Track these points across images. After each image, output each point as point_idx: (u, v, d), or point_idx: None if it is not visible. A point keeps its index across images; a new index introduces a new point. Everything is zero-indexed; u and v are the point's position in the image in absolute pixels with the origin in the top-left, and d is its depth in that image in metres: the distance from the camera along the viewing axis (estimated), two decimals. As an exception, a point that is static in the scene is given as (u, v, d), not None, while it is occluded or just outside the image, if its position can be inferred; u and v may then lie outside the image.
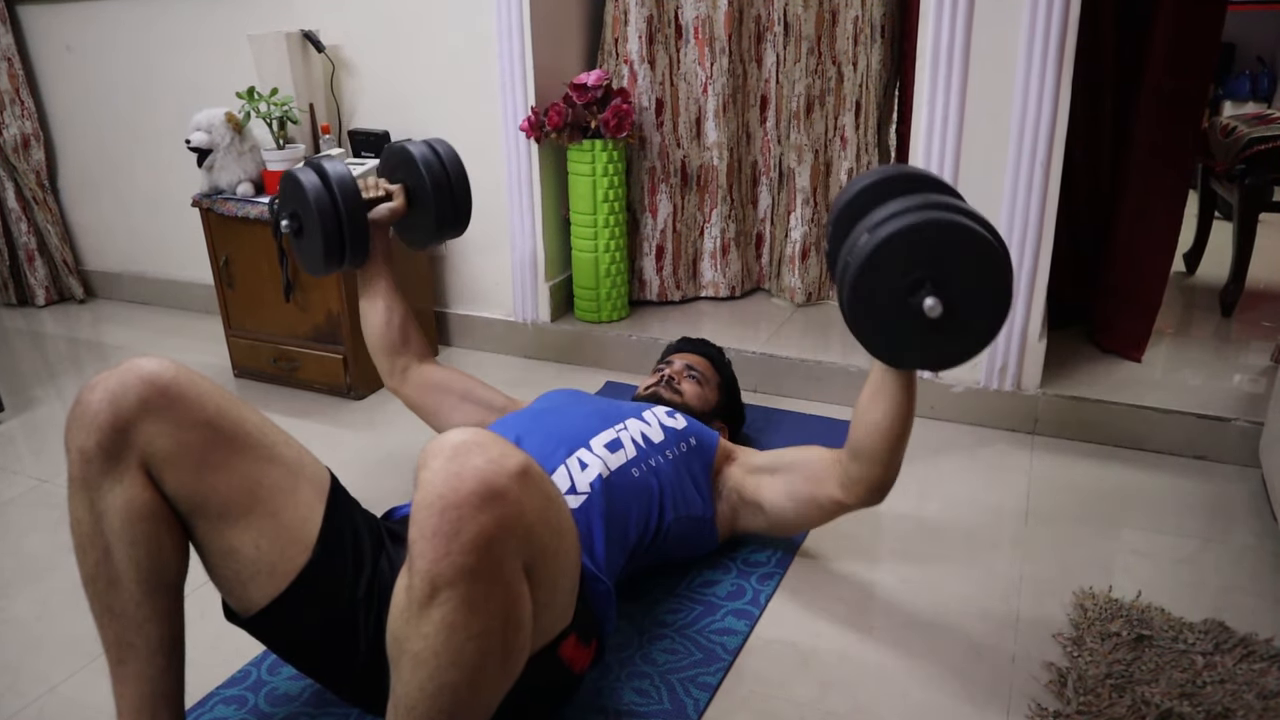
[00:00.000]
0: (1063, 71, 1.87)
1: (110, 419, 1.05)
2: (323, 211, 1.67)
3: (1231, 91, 4.83)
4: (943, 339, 1.23)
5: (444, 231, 1.86)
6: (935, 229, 1.17)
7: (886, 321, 1.23)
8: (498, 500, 0.92)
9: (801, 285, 2.66)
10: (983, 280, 1.20)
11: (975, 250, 1.18)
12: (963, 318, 1.20)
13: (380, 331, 1.81)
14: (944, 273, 1.18)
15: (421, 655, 0.92)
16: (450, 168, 1.81)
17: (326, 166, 1.70)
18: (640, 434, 1.51)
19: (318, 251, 1.71)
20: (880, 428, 1.35)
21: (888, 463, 1.39)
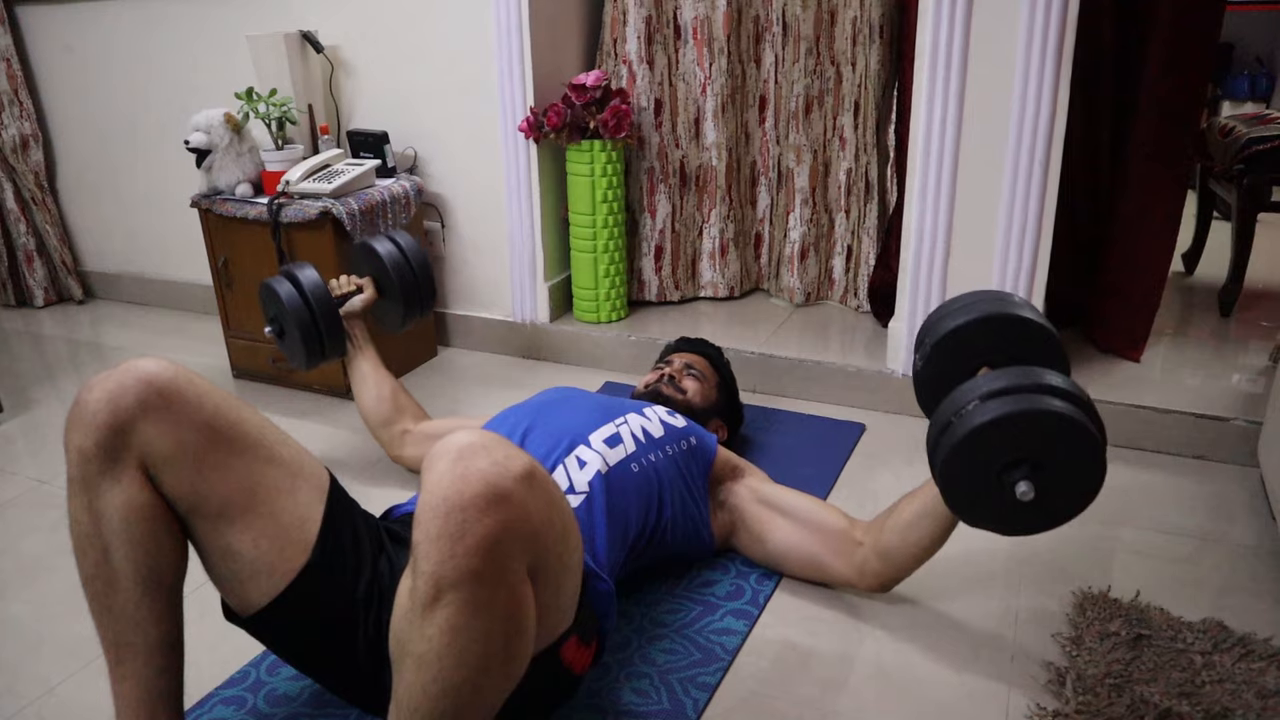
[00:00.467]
0: (1061, 71, 1.87)
1: (108, 419, 1.05)
2: (299, 317, 1.85)
3: (1230, 91, 4.84)
4: (1023, 515, 1.25)
5: (411, 314, 2.02)
6: (1044, 419, 1.18)
7: (975, 489, 1.24)
8: (503, 503, 0.91)
9: (800, 285, 2.66)
10: (1077, 471, 1.21)
11: (1079, 446, 1.19)
12: (1049, 502, 1.23)
13: (373, 408, 1.93)
14: (1043, 459, 1.20)
15: (425, 657, 0.92)
16: (412, 257, 1.98)
17: (299, 274, 1.88)
18: (640, 428, 1.51)
19: (300, 350, 1.89)
20: (919, 547, 1.40)
21: (909, 571, 1.44)
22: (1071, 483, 1.23)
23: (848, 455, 2.04)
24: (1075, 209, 2.27)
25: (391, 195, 2.43)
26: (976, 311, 1.39)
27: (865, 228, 2.55)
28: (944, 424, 1.24)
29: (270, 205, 2.29)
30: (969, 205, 2.02)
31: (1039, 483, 1.20)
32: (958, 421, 1.22)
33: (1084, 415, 1.19)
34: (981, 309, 1.39)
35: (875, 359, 2.29)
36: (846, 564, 1.49)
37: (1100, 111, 2.25)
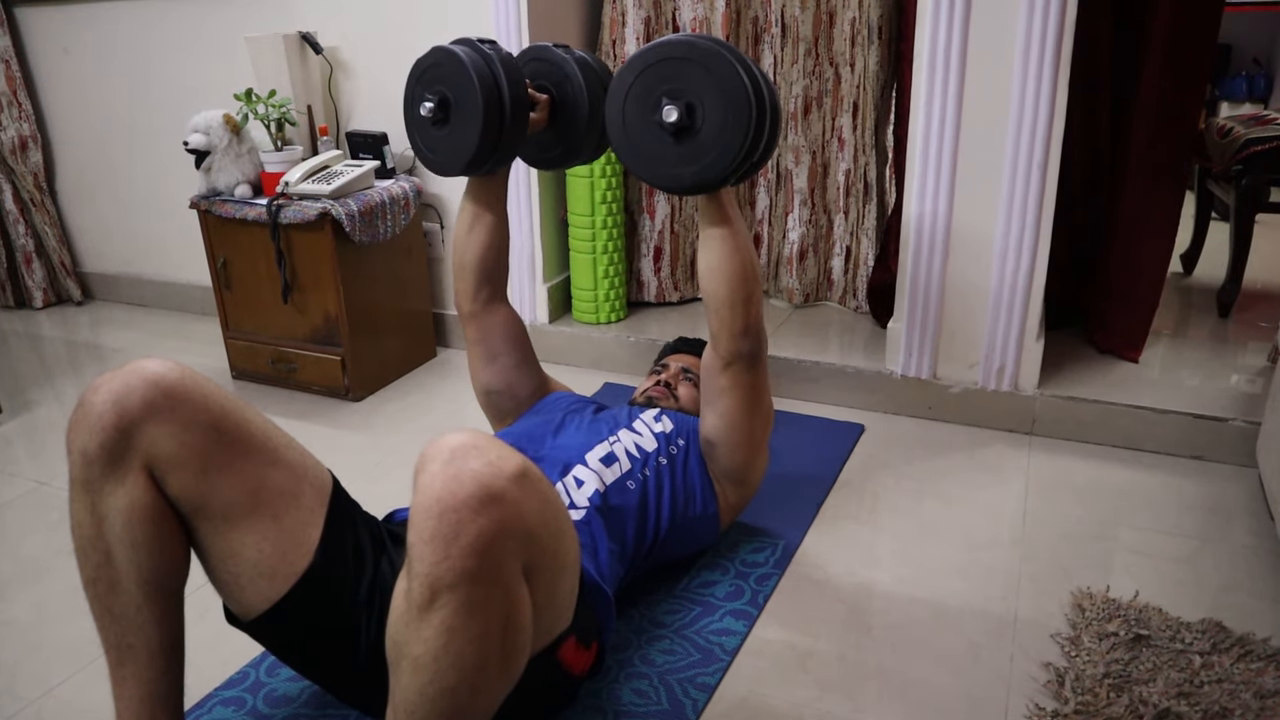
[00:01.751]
0: (1059, 72, 1.87)
1: (114, 420, 1.04)
2: (489, 98, 1.45)
3: (1228, 92, 4.84)
4: (697, 147, 1.36)
5: (579, 157, 1.69)
6: (664, 47, 1.35)
7: (647, 145, 1.39)
8: (496, 503, 0.91)
9: (799, 286, 2.67)
10: (717, 82, 1.32)
11: (706, 57, 1.32)
12: (706, 120, 1.34)
13: (482, 250, 1.66)
14: (679, 85, 1.34)
15: (421, 659, 0.92)
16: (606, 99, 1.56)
17: (487, 49, 1.49)
18: (634, 445, 1.52)
19: (467, 148, 1.48)
20: (713, 268, 1.43)
21: (733, 301, 1.43)
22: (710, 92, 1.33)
23: (847, 455, 2.04)
24: (1074, 209, 2.27)
25: (391, 196, 2.43)
26: None
27: (864, 228, 2.55)
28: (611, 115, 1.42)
29: (269, 206, 2.29)
30: (967, 206, 2.02)
31: (681, 102, 1.33)
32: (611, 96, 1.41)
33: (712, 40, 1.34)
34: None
35: (874, 359, 2.29)
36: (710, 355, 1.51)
37: (1099, 112, 2.25)
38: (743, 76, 1.31)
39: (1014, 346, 2.07)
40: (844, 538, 1.74)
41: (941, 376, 2.18)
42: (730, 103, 1.32)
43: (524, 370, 1.73)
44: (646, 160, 1.41)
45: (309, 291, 2.37)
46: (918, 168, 2.04)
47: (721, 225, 1.42)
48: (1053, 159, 1.93)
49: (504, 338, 1.71)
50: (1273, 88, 4.79)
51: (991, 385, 2.13)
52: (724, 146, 1.34)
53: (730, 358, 1.47)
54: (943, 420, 2.19)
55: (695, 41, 1.34)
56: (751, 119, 1.32)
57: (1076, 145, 2.21)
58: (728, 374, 1.49)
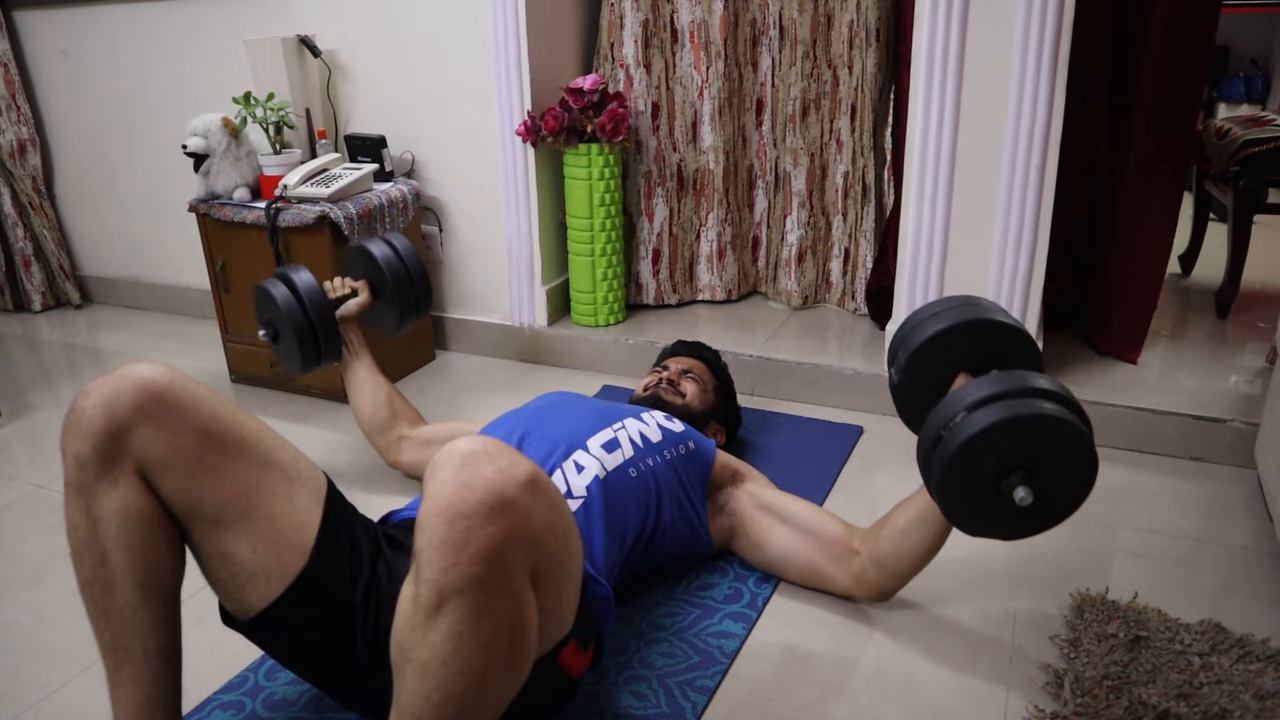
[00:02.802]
0: (1057, 74, 1.87)
1: (104, 424, 1.05)
2: (294, 320, 1.82)
3: (1226, 94, 4.85)
4: (1021, 519, 1.26)
5: (407, 318, 2.00)
6: (1035, 423, 1.18)
7: (973, 499, 1.25)
8: (507, 510, 0.91)
9: (798, 288, 2.67)
10: (1071, 469, 1.22)
11: (1069, 444, 1.20)
12: (1046, 503, 1.24)
13: (369, 414, 1.92)
14: (1036, 462, 1.21)
15: (428, 664, 0.92)
16: (407, 259, 1.96)
17: (293, 277, 1.85)
18: (639, 433, 1.52)
19: (295, 354, 1.86)
20: (914, 555, 1.41)
21: (907, 579, 1.45)
22: (1066, 482, 1.23)
23: (845, 457, 2.04)
24: (1072, 211, 2.27)
25: (389, 199, 2.43)
26: (948, 319, 1.39)
27: (862, 230, 2.55)
28: (934, 438, 1.24)
29: (268, 209, 2.29)
30: (966, 208, 2.03)
31: (1035, 486, 1.20)
32: (948, 434, 1.22)
33: (1072, 414, 1.20)
34: (953, 316, 1.39)
35: (873, 362, 2.29)
36: (844, 573, 1.50)
37: (1096, 114, 2.25)
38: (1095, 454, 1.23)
39: (1012, 348, 2.07)
40: (843, 540, 1.73)
41: (940, 378, 2.18)
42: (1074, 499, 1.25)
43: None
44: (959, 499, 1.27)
45: (308, 294, 2.37)
46: (916, 170, 2.04)
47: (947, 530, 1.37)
48: (1051, 160, 1.93)
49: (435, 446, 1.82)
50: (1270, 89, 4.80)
51: (990, 387, 2.12)
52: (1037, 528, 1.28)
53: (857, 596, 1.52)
54: (941, 422, 2.19)
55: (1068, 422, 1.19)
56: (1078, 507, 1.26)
57: (1074, 147, 2.21)
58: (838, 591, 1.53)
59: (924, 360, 1.41)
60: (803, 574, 1.55)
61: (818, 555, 1.52)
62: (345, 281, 1.99)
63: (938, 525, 1.36)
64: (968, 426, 1.19)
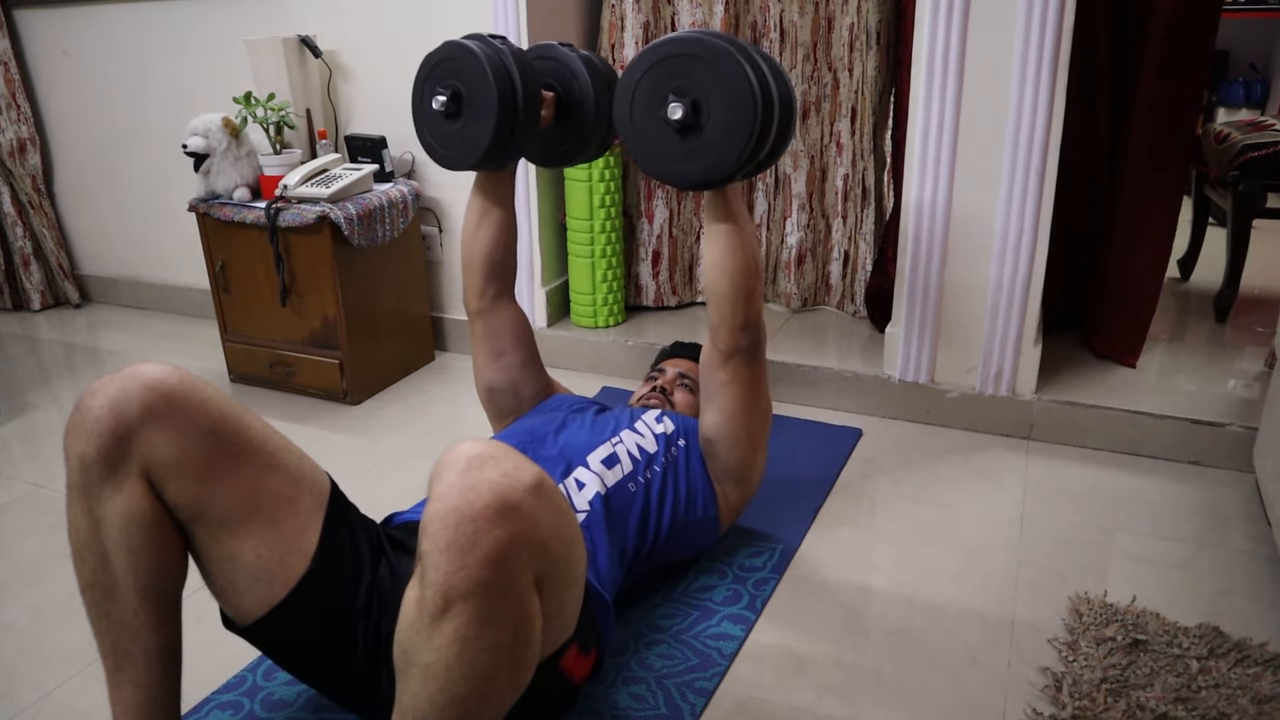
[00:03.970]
0: (1057, 78, 1.88)
1: (112, 425, 1.04)
2: (503, 92, 1.45)
3: (1225, 98, 4.86)
4: (703, 144, 1.36)
5: (582, 155, 1.70)
6: (672, 44, 1.35)
7: (653, 141, 1.39)
8: (512, 514, 0.91)
9: (797, 290, 2.67)
10: (723, 80, 1.32)
11: (713, 55, 1.32)
12: (711, 118, 1.34)
13: (489, 246, 1.67)
14: (686, 82, 1.35)
15: (432, 667, 0.92)
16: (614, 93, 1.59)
17: (499, 44, 1.49)
18: (636, 446, 1.52)
19: (480, 142, 1.49)
20: (716, 264, 1.44)
21: (734, 296, 1.44)
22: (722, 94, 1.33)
23: (845, 460, 2.04)
24: (1071, 215, 2.28)
25: (389, 200, 2.43)
26: None
27: (862, 233, 2.55)
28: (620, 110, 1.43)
29: (268, 209, 2.29)
30: (965, 210, 2.03)
31: (687, 100, 1.34)
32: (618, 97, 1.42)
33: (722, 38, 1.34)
34: None
35: (872, 364, 2.29)
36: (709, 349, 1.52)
37: (1096, 118, 2.25)
38: (749, 75, 1.31)
39: (1012, 351, 2.08)
40: (842, 542, 1.74)
41: (939, 381, 2.18)
42: (735, 101, 1.32)
43: (528, 370, 1.73)
44: (653, 155, 1.42)
45: (307, 295, 2.37)
46: (916, 172, 2.05)
47: (726, 221, 1.43)
48: (1050, 164, 1.94)
49: (511, 336, 1.71)
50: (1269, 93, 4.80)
51: (989, 390, 2.13)
52: (729, 145, 1.35)
53: (730, 351, 1.48)
54: (940, 425, 2.19)
55: (703, 38, 1.34)
56: (757, 118, 1.32)
57: (1074, 150, 2.21)
58: (727, 368, 1.49)
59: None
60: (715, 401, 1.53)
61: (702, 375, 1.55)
62: None
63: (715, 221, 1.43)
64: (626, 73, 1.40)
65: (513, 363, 1.71)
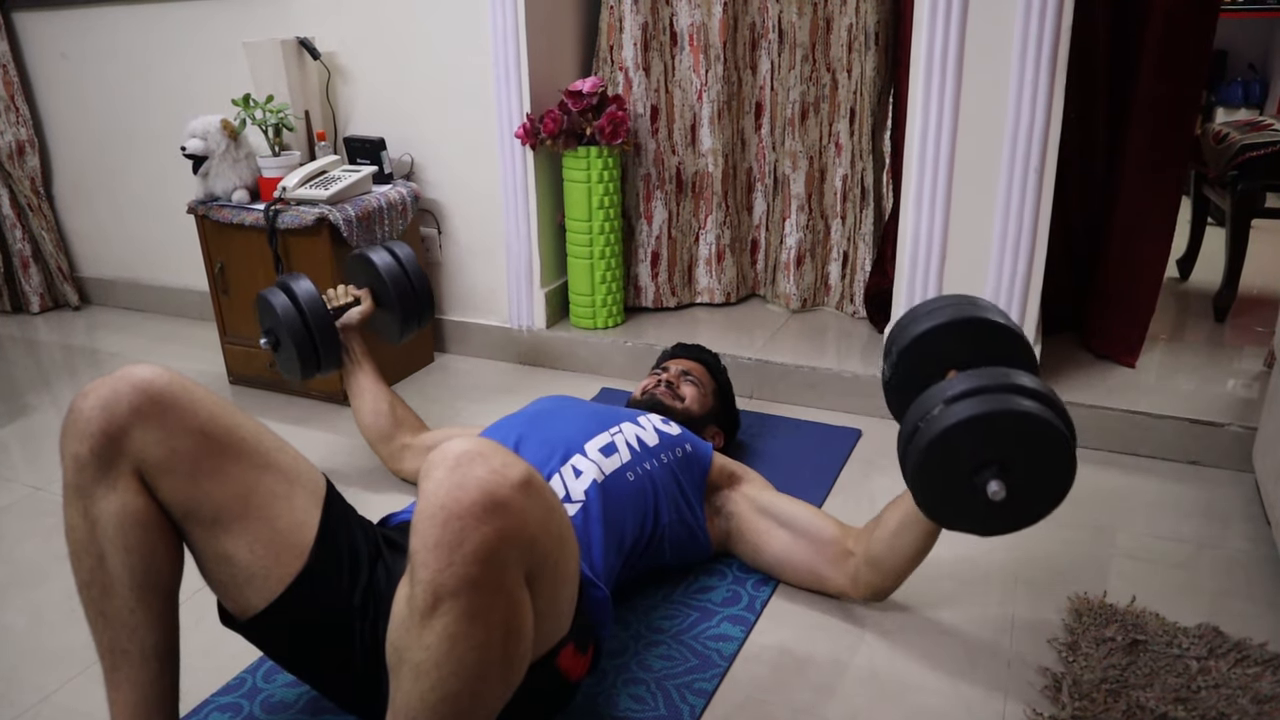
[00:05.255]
0: (1055, 78, 1.88)
1: (103, 426, 1.05)
2: (294, 329, 1.83)
3: (1224, 98, 4.86)
4: (997, 515, 1.26)
5: (409, 326, 2.00)
6: (1012, 419, 1.18)
7: (948, 493, 1.24)
8: (501, 511, 0.91)
9: (796, 291, 2.67)
10: (1048, 469, 1.22)
11: (1046, 443, 1.19)
12: (1022, 500, 1.23)
13: (371, 422, 1.92)
14: (1012, 459, 1.20)
15: (423, 666, 0.92)
16: (409, 267, 1.96)
17: (294, 285, 1.86)
18: (635, 437, 1.52)
19: (295, 363, 1.87)
20: (906, 554, 1.41)
21: (901, 579, 1.46)
22: (1042, 481, 1.23)
23: (844, 461, 2.04)
24: (1070, 215, 2.28)
25: (388, 201, 2.43)
26: (943, 316, 1.39)
27: (861, 234, 2.55)
28: (912, 430, 1.24)
29: (267, 212, 2.29)
30: (964, 211, 2.03)
31: (1010, 482, 1.20)
32: (924, 426, 1.22)
33: (1050, 412, 1.19)
34: (948, 314, 1.39)
35: (871, 364, 2.29)
36: (840, 574, 1.50)
37: (1095, 117, 2.25)
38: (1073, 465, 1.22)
39: (1011, 351, 2.07)
40: (841, 543, 1.73)
41: (938, 381, 2.18)
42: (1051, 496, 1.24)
43: None
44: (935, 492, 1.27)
45: (306, 296, 2.37)
46: (914, 173, 2.05)
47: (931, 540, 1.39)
48: (1049, 164, 1.94)
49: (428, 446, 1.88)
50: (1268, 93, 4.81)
51: (988, 390, 2.12)
52: (1015, 525, 1.28)
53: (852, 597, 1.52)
54: (940, 425, 2.19)
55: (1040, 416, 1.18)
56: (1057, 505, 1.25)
57: (1073, 150, 2.21)
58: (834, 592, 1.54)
59: (915, 356, 1.40)
60: (800, 577, 1.56)
61: (814, 558, 1.52)
62: (348, 289, 1.99)
63: (926, 524, 1.36)
64: (944, 419, 1.19)
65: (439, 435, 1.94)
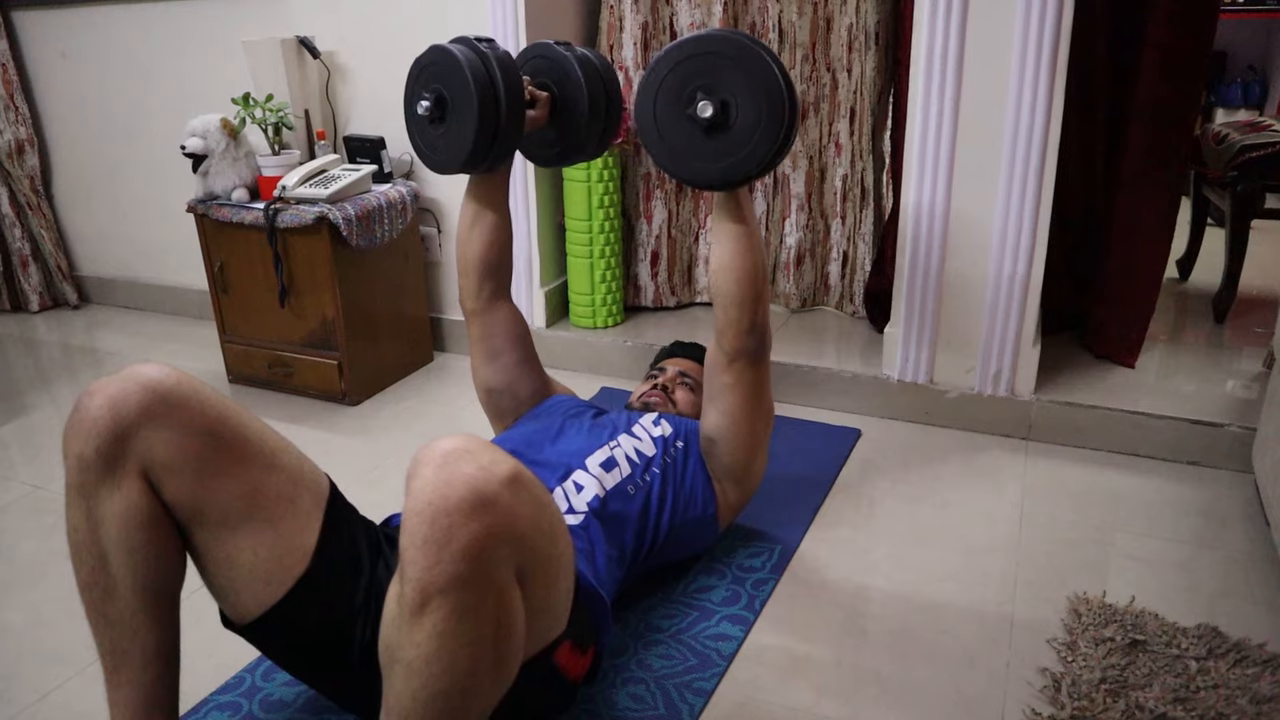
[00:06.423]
0: (1055, 78, 1.88)
1: (110, 425, 1.04)
2: (484, 102, 1.44)
3: (1223, 99, 4.86)
4: (728, 143, 1.35)
5: (581, 154, 1.69)
6: (697, 42, 1.34)
7: (676, 140, 1.38)
8: (488, 507, 0.91)
9: (796, 291, 2.67)
10: (751, 80, 1.32)
11: (740, 54, 1.32)
12: (739, 117, 1.33)
13: (484, 247, 1.67)
14: (713, 80, 1.34)
15: (413, 664, 0.92)
16: (610, 88, 1.62)
17: (484, 47, 1.48)
18: (634, 450, 1.52)
19: (463, 146, 1.48)
20: (725, 265, 1.43)
21: (741, 299, 1.44)
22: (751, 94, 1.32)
23: (844, 460, 2.04)
24: (1070, 215, 2.28)
25: (388, 200, 2.43)
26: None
27: (861, 233, 2.55)
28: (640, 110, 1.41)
29: (266, 210, 2.29)
30: (964, 211, 2.03)
31: (715, 99, 1.33)
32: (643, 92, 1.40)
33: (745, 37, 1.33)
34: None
35: (871, 364, 2.29)
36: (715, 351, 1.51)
37: (1095, 118, 2.26)
38: (779, 76, 1.31)
39: (1010, 351, 2.08)
40: (841, 543, 1.74)
41: (938, 381, 2.18)
42: (766, 101, 1.32)
43: (525, 369, 1.73)
44: (673, 153, 1.41)
45: (306, 295, 2.37)
46: (914, 173, 2.05)
47: (738, 223, 1.43)
48: (1049, 164, 1.94)
49: (506, 335, 1.71)
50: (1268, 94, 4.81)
51: (988, 390, 2.13)
52: (756, 144, 1.34)
53: (735, 354, 1.48)
54: (939, 425, 2.19)
55: (732, 37, 1.34)
56: (785, 119, 1.32)
57: (1073, 151, 2.21)
58: (731, 370, 1.49)
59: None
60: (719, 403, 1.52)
61: (707, 376, 1.54)
62: (527, 85, 1.59)
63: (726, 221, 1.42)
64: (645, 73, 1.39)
65: (509, 363, 1.71)
